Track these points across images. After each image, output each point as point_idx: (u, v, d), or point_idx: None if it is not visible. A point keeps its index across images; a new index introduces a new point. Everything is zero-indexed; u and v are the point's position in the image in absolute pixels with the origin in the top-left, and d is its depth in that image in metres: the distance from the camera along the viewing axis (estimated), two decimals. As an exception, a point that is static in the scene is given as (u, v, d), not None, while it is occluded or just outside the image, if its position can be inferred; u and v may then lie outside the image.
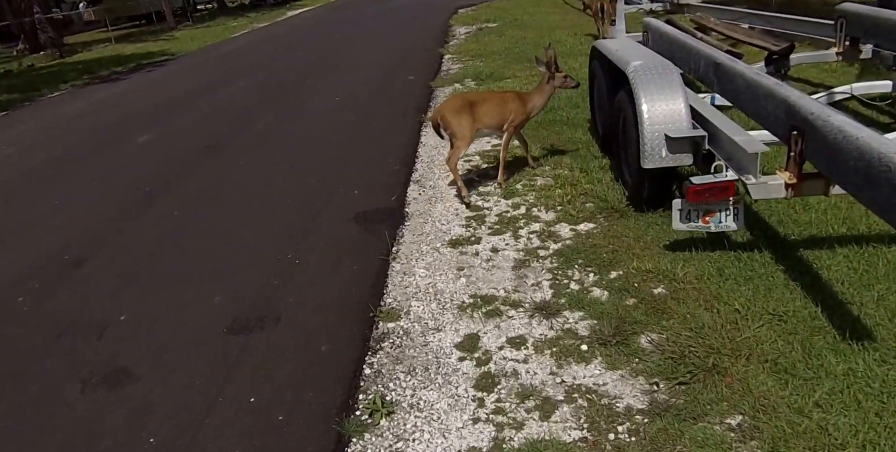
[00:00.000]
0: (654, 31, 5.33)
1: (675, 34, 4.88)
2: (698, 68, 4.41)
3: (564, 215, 4.29)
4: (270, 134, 7.09)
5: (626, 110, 4.16)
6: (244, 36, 18.98)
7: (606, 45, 4.75)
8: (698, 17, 7.53)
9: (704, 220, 3.44)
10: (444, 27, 14.92)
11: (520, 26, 13.35)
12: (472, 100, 4.55)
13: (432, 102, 7.77)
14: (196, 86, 10.90)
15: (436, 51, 11.51)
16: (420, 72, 9.69)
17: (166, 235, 4.72)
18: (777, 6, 10.59)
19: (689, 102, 3.74)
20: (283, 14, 26.30)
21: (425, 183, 5.16)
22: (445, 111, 4.46)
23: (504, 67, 9.16)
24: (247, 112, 8.26)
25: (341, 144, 6.46)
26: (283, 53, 13.78)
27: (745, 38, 6.34)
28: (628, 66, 3.99)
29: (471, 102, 4.52)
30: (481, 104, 4.50)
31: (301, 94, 9.02)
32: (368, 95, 8.51)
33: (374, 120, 7.17)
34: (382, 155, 5.94)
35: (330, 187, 5.26)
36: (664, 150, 3.71)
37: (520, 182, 4.92)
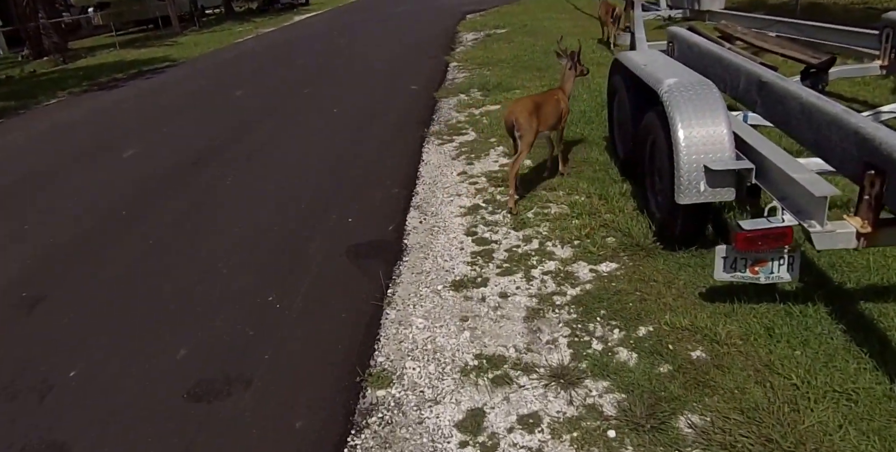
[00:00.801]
0: (682, 41, 4.81)
1: (707, 46, 4.36)
2: (737, 86, 3.89)
3: (583, 251, 3.78)
4: (262, 149, 6.61)
5: (656, 134, 3.65)
6: (248, 41, 18.57)
7: (632, 59, 4.24)
8: (723, 26, 6.99)
9: (753, 270, 2.91)
10: (452, 33, 14.44)
11: (529, 33, 12.85)
12: (536, 102, 4.37)
13: (435, 114, 7.27)
14: (192, 94, 10.46)
15: (441, 58, 11.02)
16: (424, 81, 9.20)
17: (137, 269, 4.23)
18: (801, 14, 10.05)
19: (732, 128, 3.22)
20: (290, 19, 25.91)
21: (427, 209, 4.65)
22: (518, 114, 4.21)
23: (512, 77, 8.65)
24: (240, 124, 7.79)
25: (337, 161, 5.96)
26: (284, 60, 13.34)
27: (777, 49, 5.80)
28: (661, 84, 3.48)
29: (536, 103, 4.34)
30: (544, 106, 4.35)
31: (298, 104, 8.55)
32: (368, 106, 8.02)
33: (372, 134, 6.68)
34: (380, 175, 5.44)
35: (322, 212, 4.76)
36: (703, 183, 3.19)
37: (531, 210, 4.41)
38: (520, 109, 4.25)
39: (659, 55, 4.40)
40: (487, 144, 5.94)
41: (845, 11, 11.83)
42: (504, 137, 6.01)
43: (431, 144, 6.13)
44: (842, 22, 10.07)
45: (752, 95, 3.67)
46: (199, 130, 7.78)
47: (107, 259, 4.39)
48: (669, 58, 4.25)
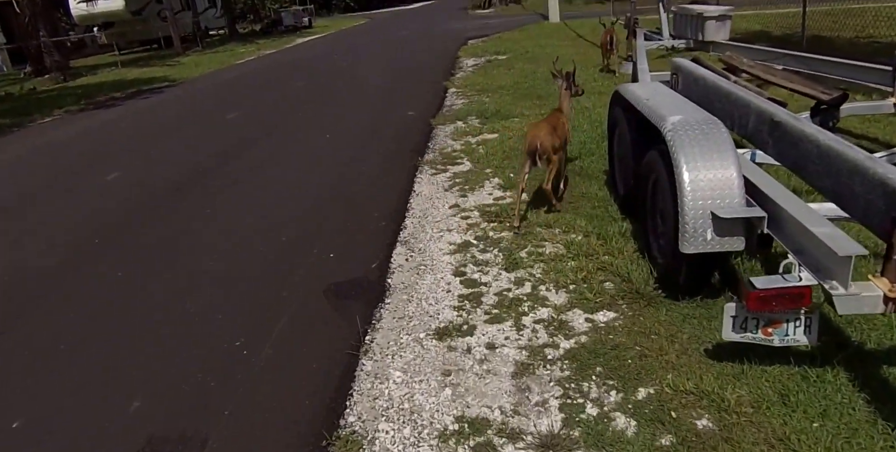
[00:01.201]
0: (687, 74, 4.59)
1: (714, 80, 4.14)
2: (745, 124, 3.66)
3: (578, 297, 3.50)
4: (248, 175, 6.38)
5: (658, 174, 3.40)
6: (249, 63, 18.54)
7: (634, 92, 4.01)
8: (728, 57, 6.80)
9: (766, 331, 2.63)
10: (452, 58, 14.35)
11: (530, 59, 12.73)
12: (551, 124, 4.41)
13: (431, 141, 7.05)
14: (186, 115, 10.29)
15: (440, 83, 10.87)
16: (421, 106, 9.01)
17: (98, 307, 3.95)
18: (806, 46, 9.92)
19: (742, 171, 2.97)
20: (293, 41, 26.02)
21: (414, 245, 4.38)
22: (543, 138, 4.24)
23: (511, 104, 8.47)
24: (229, 147, 7.57)
25: (324, 190, 5.71)
26: (282, 82, 13.21)
27: (785, 83, 5.59)
28: (665, 121, 3.24)
29: (552, 126, 4.39)
30: (557, 128, 4.40)
31: (291, 128, 8.35)
32: (362, 131, 7.82)
33: (364, 162, 6.45)
34: (369, 206, 5.19)
35: (303, 246, 4.49)
36: (710, 231, 2.93)
37: (525, 249, 4.14)
38: (543, 133, 4.28)
39: (662, 88, 4.18)
40: (482, 175, 5.70)
41: (851, 45, 11.71)
42: (499, 168, 5.79)
43: (424, 174, 5.90)
44: (849, 55, 9.93)
45: (763, 134, 3.44)
46: (186, 154, 7.56)
47: (69, 293, 4.12)
48: (673, 92, 4.03)
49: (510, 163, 5.86)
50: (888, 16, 12.26)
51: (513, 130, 7.05)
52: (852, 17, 12.90)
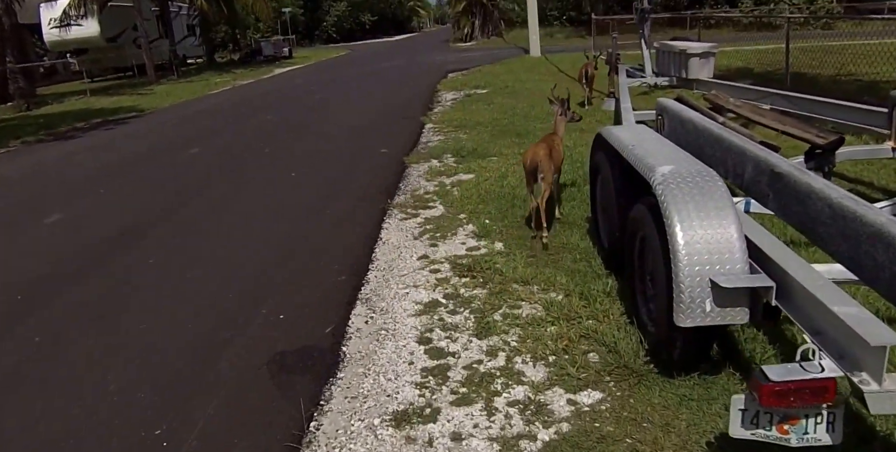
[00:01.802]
0: (673, 115, 4.25)
1: (704, 123, 3.78)
2: (741, 173, 3.29)
3: (559, 372, 3.04)
4: (203, 218, 5.88)
5: (647, 232, 3.00)
6: (223, 93, 18.16)
7: (618, 137, 3.63)
8: (713, 96, 6.53)
9: (782, 429, 2.18)
10: (431, 92, 14.09)
11: (510, 94, 12.50)
12: (549, 146, 4.58)
13: (402, 182, 6.63)
14: (147, 149, 9.79)
15: (417, 119, 10.53)
16: (395, 143, 8.63)
17: (8, 379, 3.40)
18: (790, 84, 9.78)
19: (743, 231, 2.58)
20: (271, 71, 25.79)
21: (376, 304, 3.91)
22: (542, 156, 4.42)
23: (489, 142, 8.11)
24: (186, 187, 7.08)
25: (282, 237, 5.23)
26: (253, 114, 12.81)
27: (777, 125, 5.28)
28: (654, 172, 2.85)
29: (549, 147, 4.56)
30: (553, 150, 4.57)
31: (256, 165, 7.88)
32: (331, 170, 7.38)
33: (329, 204, 5.99)
34: (330, 256, 4.71)
35: (251, 305, 3.98)
36: (709, 302, 2.51)
37: (499, 310, 3.69)
38: (542, 153, 4.44)
39: (648, 133, 3.81)
40: (455, 221, 5.27)
41: (834, 82, 11.65)
42: (474, 214, 5.37)
43: (393, 219, 5.45)
44: (832, 94, 9.78)
45: (762, 186, 3.06)
46: (139, 193, 7.05)
47: (-24, 362, 3.56)
48: (660, 137, 3.66)
49: (486, 208, 5.45)
50: (866, 54, 12.27)
51: (490, 171, 6.66)
52: (831, 54, 12.91)
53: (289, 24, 48.13)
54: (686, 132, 4.02)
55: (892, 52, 11.19)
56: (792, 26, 24.10)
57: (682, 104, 4.46)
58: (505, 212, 5.31)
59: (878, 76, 11.87)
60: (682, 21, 20.71)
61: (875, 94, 9.90)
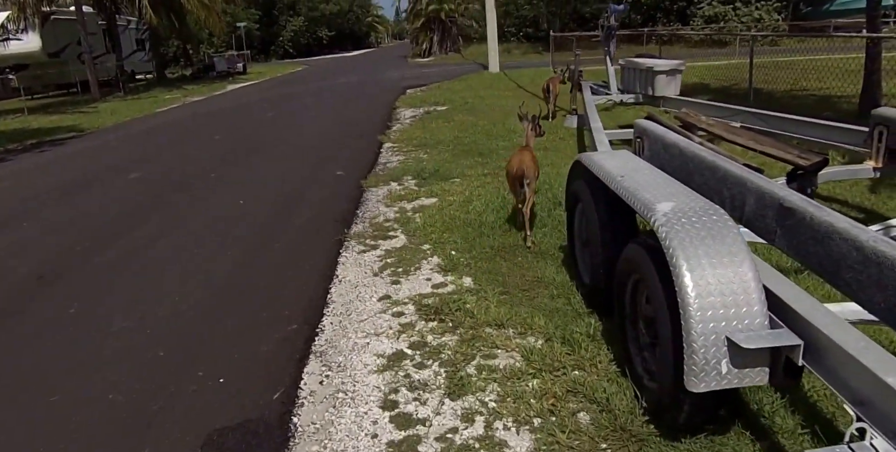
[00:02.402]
0: (655, 139, 3.90)
1: (692, 149, 3.44)
2: (739, 205, 2.94)
3: (547, 439, 2.61)
4: (134, 257, 5.27)
5: (644, 277, 2.61)
6: (171, 111, 17.37)
7: (602, 166, 3.25)
8: (684, 114, 6.27)
9: (832, 530, 1.81)
10: (389, 109, 13.66)
11: (470, 111, 12.16)
12: (530, 155, 4.76)
13: (360, 209, 6.15)
14: (81, 175, 9.04)
15: (375, 138, 10.07)
16: (352, 165, 8.15)
17: None
18: (753, 100, 9.69)
19: (760, 278, 2.22)
20: (223, 88, 25.00)
21: (332, 358, 3.41)
22: (527, 166, 4.61)
23: (451, 162, 7.71)
24: (119, 219, 6.43)
25: (224, 279, 4.67)
26: (202, 134, 12.14)
27: (754, 145, 5.03)
28: (654, 211, 2.47)
29: (531, 156, 4.76)
30: (533, 160, 4.75)
31: (199, 193, 7.26)
32: (282, 196, 6.84)
33: (279, 238, 5.45)
34: (278, 301, 4.19)
35: (184, 367, 3.42)
36: (725, 363, 2.15)
37: (472, 361, 3.24)
38: (527, 161, 4.65)
39: (634, 160, 3.45)
40: (419, 252, 4.82)
41: (792, 97, 11.71)
42: (439, 244, 4.94)
43: (350, 252, 4.97)
44: (792, 109, 9.77)
45: (768, 221, 2.71)
46: (66, 226, 6.36)
47: None
48: (650, 166, 3.30)
49: (451, 237, 5.01)
50: (814, 69, 12.44)
51: (453, 194, 6.25)
52: (781, 69, 13.07)
53: (243, 38, 47.20)
54: (671, 157, 3.68)
55: (839, 66, 11.39)
56: (742, 43, 24.73)
57: (663, 128, 4.12)
58: (472, 241, 4.88)
59: (830, 91, 12.02)
60: (637, 38, 20.91)
61: (831, 108, 9.96)
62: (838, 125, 5.41)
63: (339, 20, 73.72)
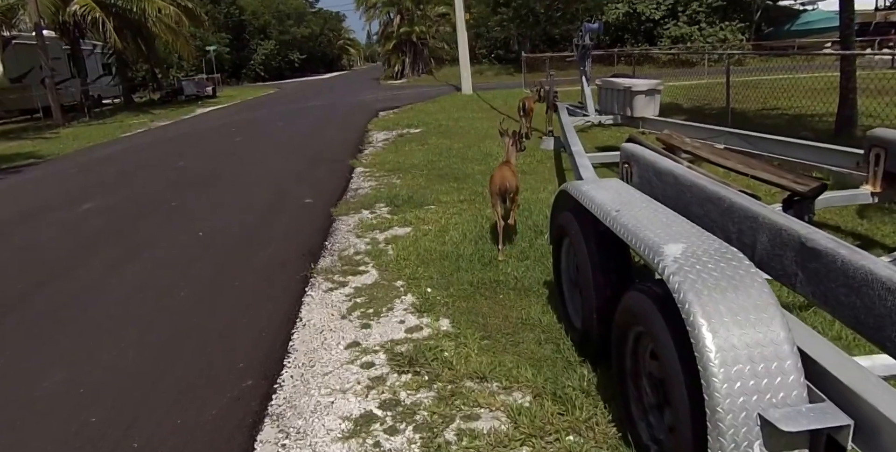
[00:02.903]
0: (646, 165, 3.58)
1: (691, 177, 3.11)
2: (749, 243, 2.62)
3: (541, 527, 2.19)
4: (78, 298, 4.78)
5: (649, 329, 2.25)
6: (136, 136, 16.79)
7: (593, 198, 2.91)
8: (667, 136, 6.01)
9: None
10: (361, 132, 13.31)
11: (445, 133, 11.86)
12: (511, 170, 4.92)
13: (329, 239, 5.73)
14: (34, 205, 8.48)
15: (346, 162, 9.68)
16: (322, 192, 7.73)
17: None
18: (732, 121, 9.54)
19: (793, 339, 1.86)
20: (192, 111, 24.47)
21: (291, 422, 2.97)
22: (509, 178, 4.76)
23: (426, 188, 7.35)
24: (69, 253, 5.93)
25: (174, 322, 4.20)
26: (165, 160, 11.62)
27: (744, 170, 4.75)
28: (661, 255, 2.13)
29: (512, 171, 4.90)
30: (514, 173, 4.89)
31: (157, 223, 6.77)
32: (245, 226, 6.38)
33: (240, 275, 4.99)
34: (233, 350, 3.73)
35: (115, 439, 2.94)
36: (758, 446, 1.77)
37: (451, 423, 2.83)
38: (509, 175, 4.81)
39: (628, 191, 3.11)
40: (392, 290, 4.42)
41: (764, 116, 11.65)
42: (413, 280, 4.54)
43: (317, 290, 4.54)
44: (766, 128, 9.64)
45: (786, 263, 2.37)
46: (9, 264, 5.84)
47: None
48: (647, 197, 2.95)
49: (426, 272, 4.62)
50: (782, 87, 12.45)
51: (428, 223, 5.87)
52: (749, 88, 13.07)
53: (213, 62, 46.70)
54: (664, 186, 3.36)
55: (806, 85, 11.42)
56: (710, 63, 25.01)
57: (655, 154, 3.81)
58: (449, 277, 4.50)
59: (801, 110, 12.00)
60: (607, 58, 21.01)
61: (807, 128, 9.87)
62: (828, 147, 5.19)
63: (310, 43, 73.70)
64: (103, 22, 22.95)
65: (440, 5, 39.60)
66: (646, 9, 31.12)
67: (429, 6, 40.33)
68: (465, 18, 21.90)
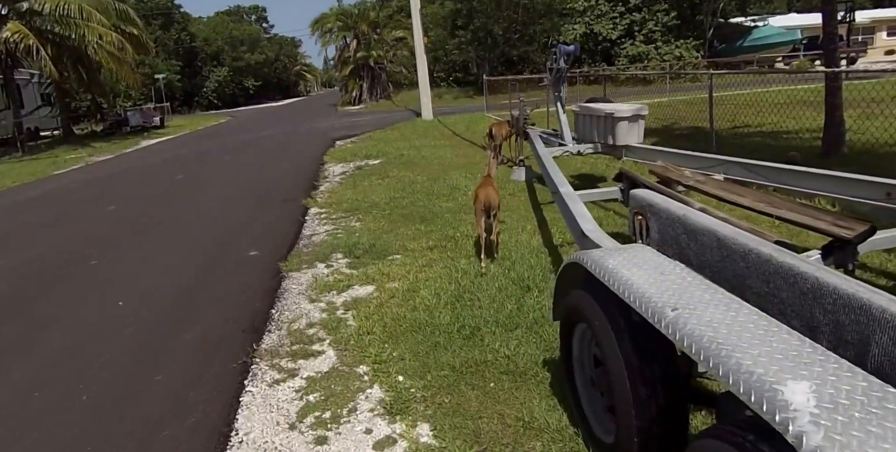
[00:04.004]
0: (671, 221, 2.79)
1: (745, 242, 2.32)
2: (857, 340, 1.83)
3: None
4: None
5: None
6: (69, 174, 15.48)
7: (625, 280, 2.11)
8: (661, 168, 5.30)
9: None
10: (316, 165, 12.36)
11: (407, 164, 11.04)
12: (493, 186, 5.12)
13: (276, 306, 4.78)
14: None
15: (299, 202, 8.73)
16: (270, 240, 6.78)
17: None
18: (716, 145, 8.96)
19: None
20: (136, 144, 23.13)
21: None
22: (493, 196, 4.97)
23: (389, 232, 6.47)
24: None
25: (75, 435, 3.22)
26: (94, 205, 10.45)
27: (767, 210, 4.01)
28: (786, 410, 1.30)
29: (493, 187, 5.09)
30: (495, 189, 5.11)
31: (67, 292, 5.65)
32: (176, 293, 5.34)
33: (159, 366, 3.97)
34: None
35: None
36: None
37: None
38: (492, 191, 4.99)
39: (672, 268, 2.29)
40: (354, 380, 3.51)
41: (739, 136, 11.22)
42: (381, 364, 3.64)
43: (259, 384, 3.59)
44: (748, 150, 9.12)
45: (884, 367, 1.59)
46: None
47: None
48: (704, 280, 2.14)
49: (396, 350, 3.74)
50: (747, 103, 12.10)
51: (394, 279, 4.99)
52: (714, 106, 12.69)
53: (163, 90, 45.18)
54: (700, 249, 2.57)
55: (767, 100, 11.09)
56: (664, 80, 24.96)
57: (684, 206, 3.03)
58: (425, 358, 3.62)
59: (771, 127, 11.61)
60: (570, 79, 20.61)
61: (790, 147, 9.37)
62: (849, 176, 4.52)
63: (265, 69, 72.55)
64: (37, 49, 21.56)
65: (397, 29, 39.14)
66: (603, 29, 31.22)
67: (385, 30, 39.82)
68: (423, 42, 21.30)
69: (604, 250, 2.55)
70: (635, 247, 2.59)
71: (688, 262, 2.67)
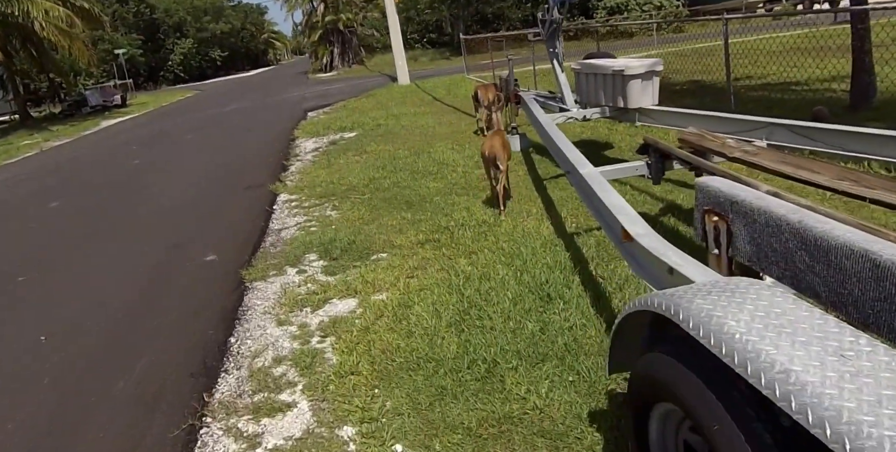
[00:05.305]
0: (778, 228, 1.89)
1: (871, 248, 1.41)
2: None
3: None
4: None
5: None
6: (20, 163, 14.25)
7: (793, 374, 1.17)
8: (696, 136, 4.36)
9: None
10: (286, 142, 11.26)
11: (385, 136, 9.99)
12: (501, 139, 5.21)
13: (236, 333, 3.86)
14: None
15: (266, 187, 7.71)
16: (231, 240, 5.80)
17: None
18: (735, 103, 8.02)
19: None
20: (96, 124, 21.72)
21: None
22: (498, 149, 5.01)
23: (371, 222, 5.53)
24: None
25: None
26: (36, 199, 9.34)
27: (856, 191, 3.11)
28: None
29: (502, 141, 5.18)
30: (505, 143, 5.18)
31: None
32: (112, 322, 4.35)
33: (84, 425, 3.08)
34: None
35: None
36: None
37: None
38: (498, 144, 5.07)
39: (820, 324, 1.38)
40: (336, 445, 2.62)
41: (748, 88, 10.28)
42: (369, 423, 2.73)
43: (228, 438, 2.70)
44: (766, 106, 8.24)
45: None
46: None
47: None
48: (872, 340, 1.23)
49: (390, 398, 2.84)
50: (739, 53, 11.18)
51: (381, 289, 4.07)
52: (705, 56, 11.79)
53: (125, 67, 43.00)
54: (838, 277, 1.67)
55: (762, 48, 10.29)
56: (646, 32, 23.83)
57: (780, 198, 2.12)
58: (429, 413, 2.73)
59: (776, 77, 10.73)
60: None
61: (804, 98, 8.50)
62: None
63: (232, 39, 69.74)
64: (-23, 30, 19.95)
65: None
66: (580, -20, 29.85)
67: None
68: (394, 2, 19.87)
69: (703, 292, 1.61)
70: (753, 285, 1.65)
71: (812, 293, 1.79)
